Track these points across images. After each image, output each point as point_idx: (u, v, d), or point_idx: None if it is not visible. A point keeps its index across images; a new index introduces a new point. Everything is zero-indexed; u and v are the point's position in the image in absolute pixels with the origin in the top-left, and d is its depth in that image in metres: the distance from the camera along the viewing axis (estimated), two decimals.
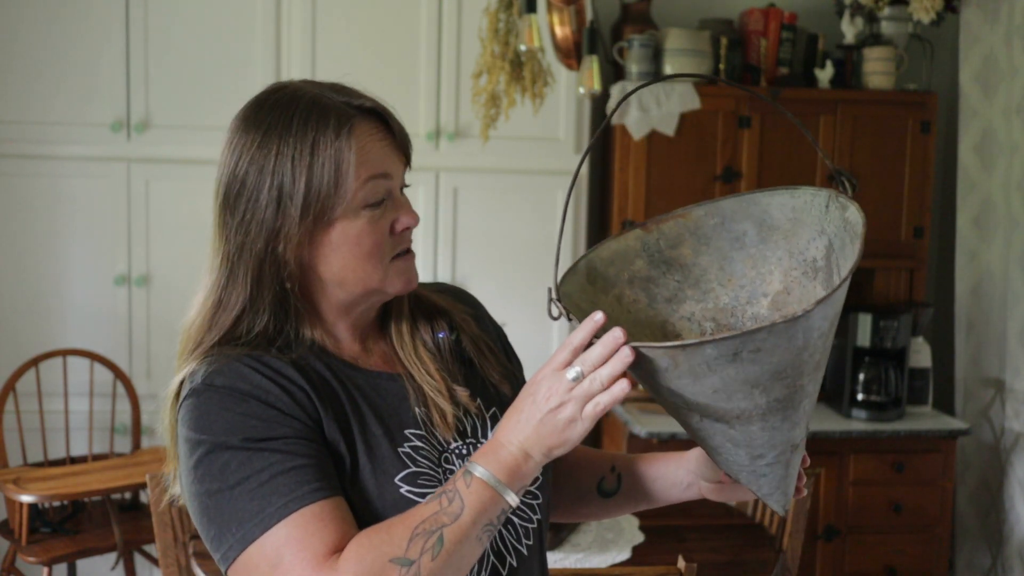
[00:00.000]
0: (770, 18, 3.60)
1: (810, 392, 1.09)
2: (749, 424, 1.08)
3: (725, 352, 0.99)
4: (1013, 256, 3.69)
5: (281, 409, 1.09)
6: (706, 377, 1.02)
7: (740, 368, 1.01)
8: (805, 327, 1.00)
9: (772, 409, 1.07)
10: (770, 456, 1.13)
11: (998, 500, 3.78)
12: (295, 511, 1.04)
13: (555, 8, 2.88)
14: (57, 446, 3.48)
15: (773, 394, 1.05)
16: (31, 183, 3.45)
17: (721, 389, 1.04)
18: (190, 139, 3.42)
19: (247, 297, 1.14)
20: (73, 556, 3.10)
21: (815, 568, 3.50)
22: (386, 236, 1.16)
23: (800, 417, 1.11)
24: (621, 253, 1.22)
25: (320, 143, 1.10)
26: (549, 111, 3.37)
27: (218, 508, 1.06)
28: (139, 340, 3.50)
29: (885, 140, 3.63)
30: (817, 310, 0.99)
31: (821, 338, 1.04)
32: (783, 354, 1.01)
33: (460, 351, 1.27)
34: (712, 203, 1.22)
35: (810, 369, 1.06)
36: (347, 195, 1.11)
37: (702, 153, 3.53)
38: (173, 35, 3.42)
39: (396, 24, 3.50)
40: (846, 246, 1.10)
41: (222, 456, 1.06)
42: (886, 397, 3.57)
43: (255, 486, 1.05)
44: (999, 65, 3.71)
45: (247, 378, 1.10)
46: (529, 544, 1.22)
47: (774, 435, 1.10)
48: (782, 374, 1.03)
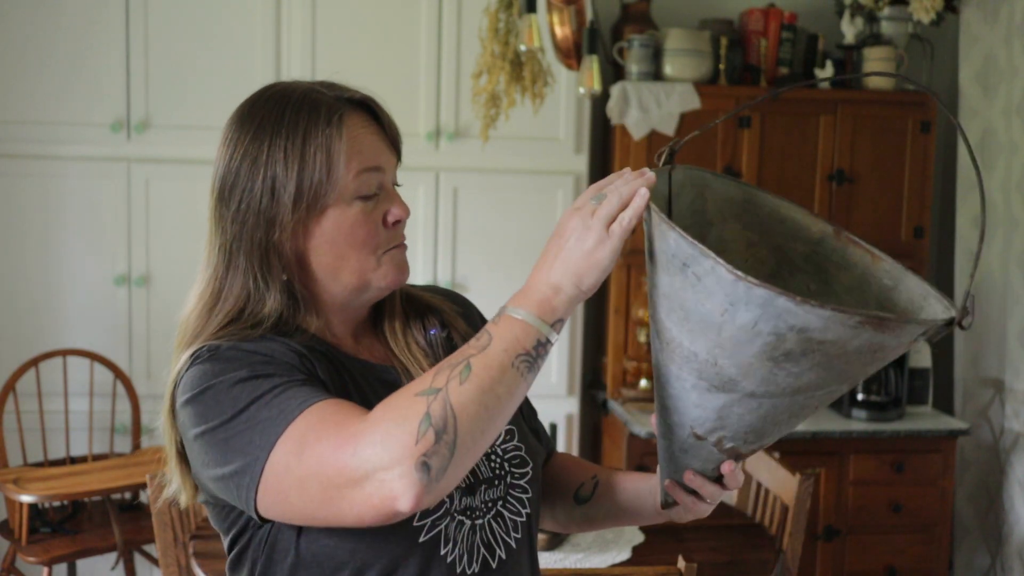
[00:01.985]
0: (770, 18, 3.60)
1: (742, 404, 1.04)
2: (671, 360, 1.04)
3: (680, 254, 0.96)
4: (1013, 256, 3.69)
5: (287, 362, 1.10)
6: (663, 273, 1.00)
7: (684, 286, 0.98)
8: (744, 303, 0.95)
9: (689, 362, 1.03)
10: (673, 419, 1.09)
11: (998, 500, 3.78)
12: (310, 406, 1.02)
13: (555, 8, 2.87)
14: (57, 446, 3.48)
15: (696, 345, 1.01)
16: (31, 183, 3.45)
17: (668, 296, 1.01)
18: (190, 139, 3.42)
19: (248, 285, 1.16)
20: (73, 556, 3.10)
21: (815, 568, 3.50)
22: (379, 228, 1.17)
23: (713, 411, 1.05)
24: (796, 225, 1.17)
25: (311, 133, 1.13)
26: (549, 111, 3.36)
27: (232, 437, 1.04)
28: (139, 340, 3.50)
29: (885, 140, 3.63)
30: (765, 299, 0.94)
31: (759, 341, 0.97)
32: (714, 306, 0.97)
33: (451, 347, 1.28)
34: (902, 269, 1.14)
35: (736, 363, 1.00)
36: (339, 184, 1.13)
37: (702, 153, 3.53)
38: (173, 35, 3.42)
39: (396, 24, 3.50)
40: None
41: (231, 390, 1.06)
42: (886, 397, 3.57)
43: (270, 398, 1.04)
44: (999, 65, 3.71)
45: (251, 344, 1.11)
46: (518, 537, 1.23)
47: (681, 396, 1.06)
48: (707, 332, 0.99)
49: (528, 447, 1.27)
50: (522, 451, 1.26)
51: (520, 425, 1.30)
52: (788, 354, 0.97)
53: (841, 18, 3.72)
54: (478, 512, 1.19)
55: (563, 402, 3.63)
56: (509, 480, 1.23)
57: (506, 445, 1.25)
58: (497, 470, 1.22)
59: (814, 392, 1.02)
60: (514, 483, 1.24)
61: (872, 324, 0.94)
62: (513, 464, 1.24)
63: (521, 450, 1.26)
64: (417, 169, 3.47)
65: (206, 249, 1.19)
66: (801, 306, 0.93)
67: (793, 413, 1.05)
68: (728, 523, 2.75)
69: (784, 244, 1.17)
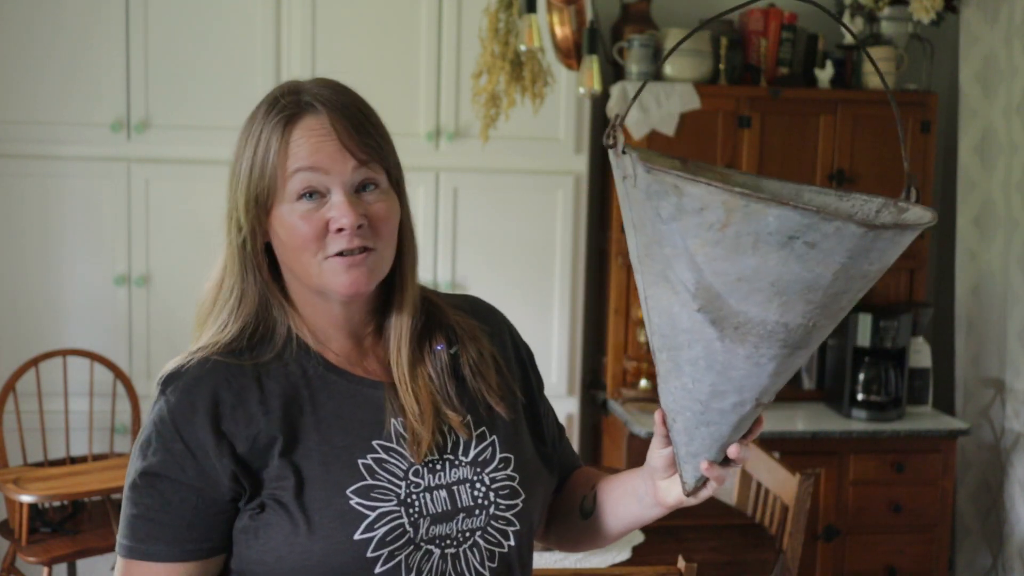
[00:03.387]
0: (770, 18, 3.60)
1: (812, 345, 1.00)
2: (740, 343, 0.99)
3: (785, 228, 0.91)
4: (1013, 256, 3.69)
5: (199, 460, 1.14)
6: (745, 256, 0.93)
7: (783, 260, 0.92)
8: (866, 252, 0.92)
9: (774, 336, 0.98)
10: (730, 401, 1.04)
11: (998, 500, 3.78)
12: (167, 562, 1.14)
13: (555, 8, 2.87)
14: (57, 446, 3.48)
15: (787, 316, 0.96)
16: (31, 183, 3.45)
17: (747, 279, 0.95)
18: (190, 139, 3.42)
19: (239, 284, 1.20)
20: (73, 556, 3.10)
21: (815, 568, 3.50)
22: (320, 232, 1.15)
23: (785, 369, 1.01)
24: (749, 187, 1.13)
25: (262, 134, 1.16)
26: (549, 111, 3.36)
27: (132, 504, 1.17)
28: (139, 340, 3.50)
29: (885, 140, 3.63)
30: (888, 238, 0.91)
31: (863, 277, 0.95)
32: (828, 268, 0.92)
33: (456, 366, 1.25)
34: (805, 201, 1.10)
35: (833, 310, 0.97)
36: (277, 184, 1.15)
37: (702, 153, 3.53)
38: (173, 35, 3.42)
39: (396, 24, 3.50)
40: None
41: (152, 472, 1.15)
42: (886, 397, 3.57)
43: (155, 516, 1.14)
44: (999, 65, 3.71)
45: (187, 419, 1.14)
46: (493, 567, 1.19)
47: (752, 373, 1.01)
48: (810, 296, 0.94)
49: (525, 478, 1.23)
50: (515, 482, 1.22)
51: (523, 453, 1.25)
52: (846, 285, 0.96)
53: (841, 18, 3.72)
54: (452, 541, 1.17)
55: (563, 402, 3.63)
56: (492, 511, 1.20)
57: (496, 474, 1.21)
58: (481, 499, 1.19)
59: (828, 324, 1.01)
60: (498, 514, 1.20)
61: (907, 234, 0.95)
62: (501, 495, 1.21)
63: (514, 480, 1.22)
64: (417, 169, 3.47)
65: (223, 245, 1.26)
66: (904, 233, 0.93)
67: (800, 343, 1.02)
68: (728, 523, 2.75)
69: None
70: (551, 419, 1.38)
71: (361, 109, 1.19)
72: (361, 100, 1.21)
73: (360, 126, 1.17)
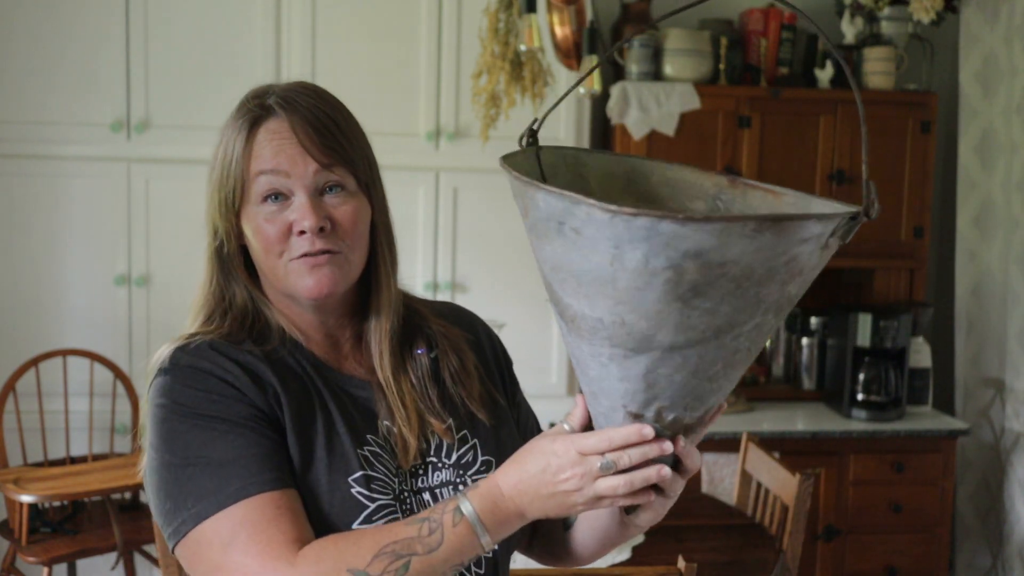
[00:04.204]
0: (770, 18, 3.60)
1: (664, 361, 0.94)
2: (580, 339, 0.97)
3: (553, 213, 0.90)
4: (1013, 256, 3.69)
5: (240, 389, 1.13)
6: (544, 242, 0.94)
7: (566, 247, 0.91)
8: (628, 241, 0.86)
9: (598, 332, 0.94)
10: (604, 404, 1.01)
11: (998, 500, 3.78)
12: (253, 495, 1.06)
13: (555, 8, 2.87)
14: (57, 446, 3.48)
15: (597, 311, 0.93)
16: (31, 183, 3.45)
17: (556, 268, 0.94)
18: (190, 139, 3.42)
19: (216, 286, 1.22)
20: (73, 556, 3.10)
21: (815, 568, 3.50)
22: (284, 234, 1.16)
23: (637, 378, 0.96)
24: (688, 183, 1.12)
25: (227, 137, 1.19)
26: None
27: (176, 482, 1.08)
28: (139, 340, 3.50)
29: (885, 140, 3.63)
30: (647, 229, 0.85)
31: (657, 281, 0.88)
32: (601, 257, 0.88)
33: (436, 372, 1.26)
34: (805, 197, 1.09)
35: (643, 314, 0.91)
36: (244, 187, 1.17)
37: (702, 153, 3.53)
38: (173, 35, 3.42)
39: (396, 24, 3.49)
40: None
41: (184, 430, 1.10)
42: (886, 397, 3.57)
43: (215, 466, 1.08)
44: (999, 65, 3.71)
45: (210, 358, 1.14)
46: (479, 572, 1.20)
47: (603, 375, 0.98)
48: (604, 290, 0.90)
49: None
50: None
51: (504, 455, 1.22)
52: (694, 288, 0.89)
53: (841, 18, 3.72)
54: None
55: (563, 402, 3.63)
56: None
57: (479, 477, 1.21)
58: None
59: (740, 329, 0.94)
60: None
61: (768, 227, 0.86)
62: None
63: None
64: (417, 169, 3.47)
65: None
66: (687, 225, 0.84)
67: (727, 362, 0.96)
68: (728, 523, 2.75)
69: (681, 207, 1.12)
70: (532, 422, 1.38)
71: (327, 111, 1.18)
72: (331, 102, 1.20)
73: (323, 128, 1.17)
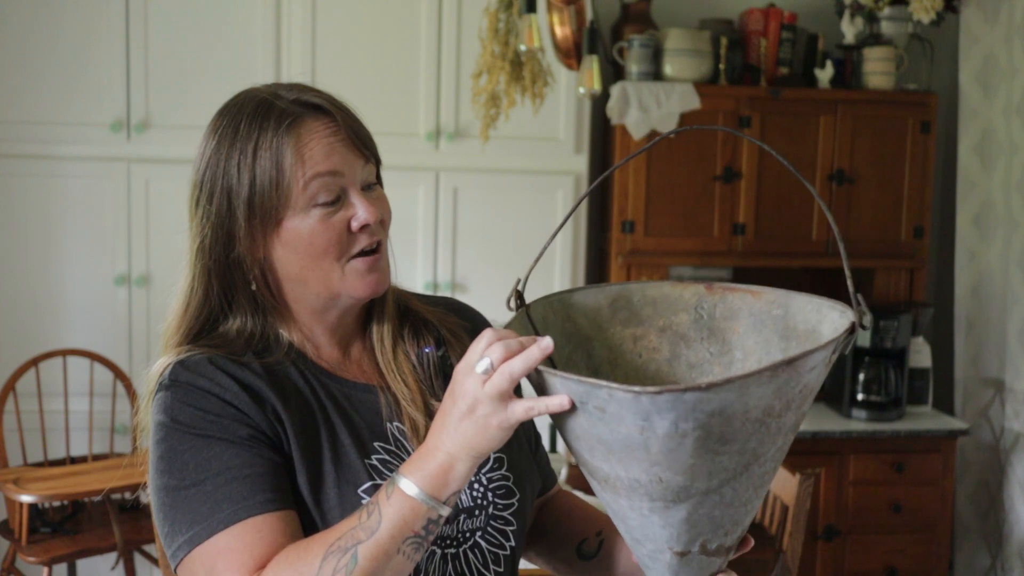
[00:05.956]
0: (770, 18, 3.60)
1: (704, 503, 0.97)
2: (616, 495, 0.99)
3: (573, 396, 0.93)
4: (1013, 256, 3.69)
5: (239, 408, 1.10)
6: (568, 417, 0.96)
7: (591, 423, 0.93)
8: (656, 413, 0.89)
9: (635, 490, 0.97)
10: (648, 548, 1.03)
11: (998, 500, 3.78)
12: (241, 520, 1.05)
13: (555, 8, 2.87)
14: (57, 446, 3.48)
15: (632, 472, 0.95)
16: (31, 183, 3.45)
17: (582, 438, 0.96)
18: (190, 139, 3.37)
19: (212, 299, 1.17)
20: (73, 556, 3.10)
21: (815, 568, 3.50)
22: (342, 235, 1.13)
23: (680, 522, 0.98)
24: (670, 300, 1.15)
25: (261, 143, 1.11)
26: (549, 111, 3.36)
27: (174, 505, 1.07)
28: (139, 340, 3.50)
29: (885, 140, 3.63)
30: (672, 401, 0.88)
31: (688, 441, 0.91)
32: (630, 429, 0.91)
33: (445, 368, 1.25)
34: (784, 293, 1.11)
35: (679, 471, 0.93)
36: (291, 193, 1.11)
37: (702, 153, 3.53)
38: (173, 35, 3.42)
39: (396, 24, 3.50)
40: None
41: (183, 451, 1.08)
42: (886, 397, 3.57)
43: (210, 488, 1.06)
44: (999, 65, 3.71)
45: (209, 375, 1.12)
46: (499, 571, 1.20)
47: (645, 524, 1.00)
48: (635, 455, 0.93)
49: (517, 477, 1.23)
50: (509, 481, 1.21)
51: (513, 452, 1.24)
52: (721, 438, 0.92)
53: (841, 18, 3.72)
54: (452, 541, 1.16)
55: None
56: (491, 511, 1.19)
57: (492, 474, 1.20)
58: (479, 499, 1.19)
59: (765, 456, 0.98)
60: (496, 514, 1.20)
61: (783, 370, 0.91)
62: (498, 494, 1.20)
63: (509, 480, 1.21)
64: (417, 169, 3.47)
65: (187, 254, 1.21)
66: (709, 391, 0.88)
67: (756, 485, 1.00)
68: None
69: (668, 322, 1.15)
70: (529, 423, 1.38)
71: (348, 107, 1.17)
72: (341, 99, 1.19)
73: (357, 124, 1.16)
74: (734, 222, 3.57)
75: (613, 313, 1.14)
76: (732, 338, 1.14)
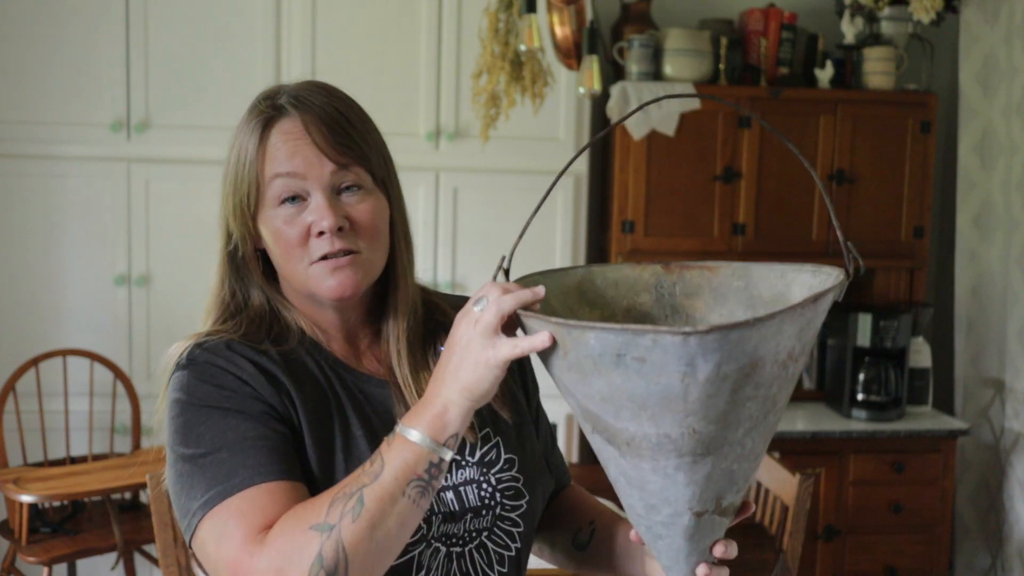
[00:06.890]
0: (770, 18, 3.60)
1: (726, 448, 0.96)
2: (639, 458, 0.97)
3: (609, 348, 0.91)
4: (1013, 256, 3.69)
5: (255, 387, 1.12)
6: (593, 377, 0.94)
7: (626, 377, 0.92)
8: (702, 355, 0.88)
9: (663, 447, 0.95)
10: (664, 513, 1.01)
11: (998, 500, 3.78)
12: (256, 484, 1.05)
13: (555, 8, 2.87)
14: (57, 446, 3.48)
15: (663, 427, 0.94)
16: (31, 183, 3.45)
17: (609, 399, 0.94)
18: (190, 139, 3.42)
19: (227, 287, 1.22)
20: (73, 556, 3.10)
21: (815, 568, 3.50)
22: (303, 237, 1.15)
23: (704, 478, 0.97)
24: (631, 281, 1.16)
25: (240, 140, 1.17)
26: (549, 111, 3.36)
27: (190, 474, 1.08)
28: (139, 340, 3.50)
29: (885, 140, 3.63)
30: (719, 340, 0.87)
31: (727, 385, 0.90)
32: (671, 378, 0.90)
33: None
34: (743, 265, 1.13)
35: (713, 419, 0.93)
36: (260, 190, 1.16)
37: (702, 153, 3.53)
38: (173, 35, 3.42)
39: (396, 24, 3.50)
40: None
41: (199, 421, 1.10)
42: (886, 397, 3.57)
43: (226, 456, 1.07)
44: (999, 65, 3.71)
45: (226, 356, 1.14)
46: (503, 571, 1.20)
47: (668, 485, 0.98)
48: (672, 406, 0.92)
49: (528, 478, 1.23)
50: (519, 483, 1.22)
51: (526, 454, 1.25)
52: (754, 382, 0.93)
53: (841, 18, 3.72)
54: (458, 540, 1.17)
55: (563, 402, 3.62)
56: (499, 511, 1.20)
57: (502, 475, 1.21)
58: (487, 500, 1.19)
59: (781, 402, 0.99)
60: (504, 515, 1.20)
61: (808, 309, 0.93)
62: (506, 495, 1.21)
63: (519, 481, 1.22)
64: (417, 169, 3.47)
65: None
66: (756, 327, 0.89)
67: (766, 436, 1.00)
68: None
69: (632, 303, 1.15)
70: (544, 423, 1.38)
71: (340, 109, 1.17)
72: (344, 100, 1.19)
73: (337, 127, 1.16)
74: (734, 222, 3.57)
75: (580, 295, 1.15)
76: (696, 314, 1.14)
